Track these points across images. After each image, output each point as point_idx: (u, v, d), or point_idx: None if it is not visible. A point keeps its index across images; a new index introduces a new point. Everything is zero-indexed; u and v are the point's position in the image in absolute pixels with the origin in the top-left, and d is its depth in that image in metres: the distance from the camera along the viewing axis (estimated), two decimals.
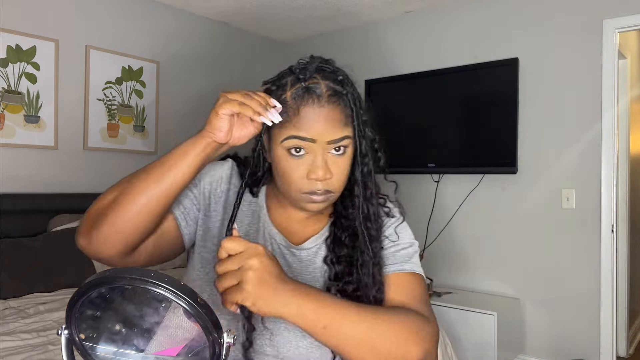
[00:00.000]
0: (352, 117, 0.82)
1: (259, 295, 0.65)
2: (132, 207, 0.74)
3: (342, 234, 0.88)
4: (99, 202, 0.78)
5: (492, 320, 2.75)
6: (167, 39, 3.49)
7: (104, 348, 0.58)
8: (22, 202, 2.69)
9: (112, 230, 0.75)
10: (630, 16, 2.74)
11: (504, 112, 3.06)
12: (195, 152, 0.75)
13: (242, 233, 0.90)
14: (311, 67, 0.81)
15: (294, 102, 0.78)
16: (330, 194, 0.82)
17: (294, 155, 0.79)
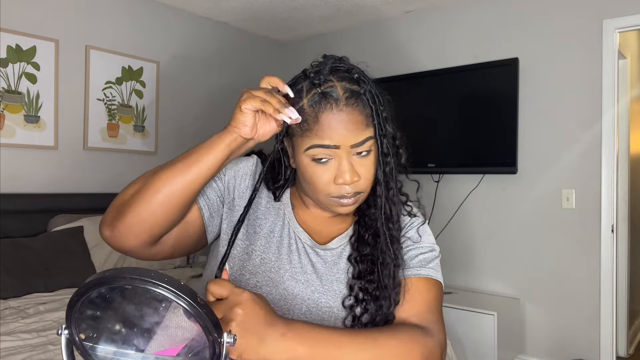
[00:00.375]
0: (372, 116, 0.81)
1: (245, 346, 0.63)
2: (156, 198, 0.75)
3: (366, 233, 0.88)
4: (124, 193, 0.78)
5: (492, 320, 2.75)
6: (167, 39, 3.50)
7: (104, 348, 0.58)
8: (22, 202, 2.69)
9: (136, 220, 0.75)
10: (630, 16, 2.74)
11: (504, 112, 3.06)
12: (221, 146, 0.76)
13: (267, 228, 0.90)
14: (325, 69, 0.79)
15: (311, 109, 0.77)
16: (359, 194, 0.83)
17: (319, 162, 0.79)
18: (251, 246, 0.88)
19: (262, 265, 0.87)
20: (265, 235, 0.89)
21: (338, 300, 0.86)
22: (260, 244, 0.88)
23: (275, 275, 0.86)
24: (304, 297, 0.86)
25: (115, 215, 0.76)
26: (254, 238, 0.89)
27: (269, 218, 0.91)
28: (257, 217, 0.91)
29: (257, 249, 0.88)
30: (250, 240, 0.89)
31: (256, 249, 0.88)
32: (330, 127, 0.77)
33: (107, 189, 3.07)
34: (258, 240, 0.89)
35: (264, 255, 0.88)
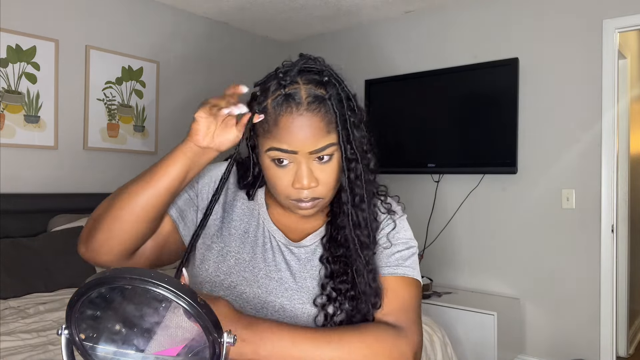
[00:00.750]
0: (335, 122, 0.79)
1: None
2: (124, 213, 0.76)
3: (338, 235, 0.88)
4: (96, 211, 0.80)
5: (492, 320, 2.75)
6: (167, 39, 3.50)
7: (104, 348, 0.58)
8: (22, 202, 2.69)
9: (107, 235, 0.77)
10: (630, 16, 2.74)
11: (504, 112, 3.06)
12: (180, 157, 0.76)
13: (241, 229, 0.91)
14: (294, 69, 0.78)
15: (273, 110, 0.77)
16: (318, 200, 0.82)
17: (279, 164, 0.79)
18: (226, 248, 0.89)
19: (237, 265, 0.88)
20: (240, 236, 0.90)
21: (310, 298, 0.86)
22: (235, 245, 0.89)
23: (249, 274, 0.88)
24: (277, 295, 0.86)
25: (88, 232, 0.79)
26: (228, 240, 0.90)
27: (243, 219, 0.92)
28: (232, 219, 0.91)
29: (232, 250, 0.89)
30: (225, 242, 0.90)
31: (231, 250, 0.89)
32: (288, 132, 0.76)
33: (107, 189, 3.07)
34: (233, 241, 0.90)
35: (238, 255, 0.89)
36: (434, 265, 3.41)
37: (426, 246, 3.41)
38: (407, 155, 3.41)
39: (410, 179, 3.50)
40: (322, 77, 0.79)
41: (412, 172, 3.45)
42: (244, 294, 0.86)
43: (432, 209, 3.40)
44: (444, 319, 2.85)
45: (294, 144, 0.76)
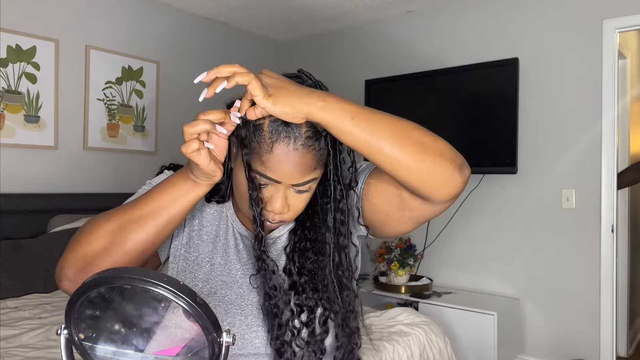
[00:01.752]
0: (327, 160, 0.77)
1: (278, 97, 0.66)
2: (127, 256, 0.73)
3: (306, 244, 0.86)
4: (85, 248, 0.73)
5: (492, 320, 2.75)
6: (167, 39, 3.50)
7: (103, 348, 0.58)
8: (22, 202, 2.69)
9: None
10: (630, 16, 2.74)
11: (504, 112, 3.06)
12: (192, 199, 0.73)
13: (212, 234, 0.90)
14: None
15: (269, 134, 0.72)
16: (283, 222, 0.82)
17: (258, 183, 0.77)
18: (200, 256, 0.89)
19: (213, 270, 0.88)
20: (211, 241, 0.90)
21: (286, 283, 0.86)
22: (208, 250, 0.89)
23: (227, 277, 0.87)
24: (259, 289, 0.87)
25: (79, 271, 0.73)
26: (201, 246, 0.89)
27: (214, 223, 0.91)
28: (203, 226, 0.91)
29: (205, 256, 0.89)
30: (198, 251, 0.89)
31: (204, 256, 0.89)
32: (279, 162, 0.73)
33: (107, 189, 3.07)
34: (205, 247, 0.89)
35: (212, 260, 0.88)
36: (434, 265, 3.41)
37: (426, 246, 3.41)
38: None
39: None
40: None
41: None
42: (226, 297, 0.86)
43: None
44: (444, 319, 2.84)
45: (280, 175, 0.74)
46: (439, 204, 0.76)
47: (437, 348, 2.12)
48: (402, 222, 0.82)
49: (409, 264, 3.23)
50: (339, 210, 0.81)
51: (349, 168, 0.81)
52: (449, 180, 0.73)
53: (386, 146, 0.69)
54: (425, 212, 0.79)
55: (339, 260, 0.82)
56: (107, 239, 0.73)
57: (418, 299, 3.03)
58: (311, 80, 0.79)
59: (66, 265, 0.74)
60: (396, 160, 0.70)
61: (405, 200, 0.79)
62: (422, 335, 2.08)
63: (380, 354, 1.85)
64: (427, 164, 0.71)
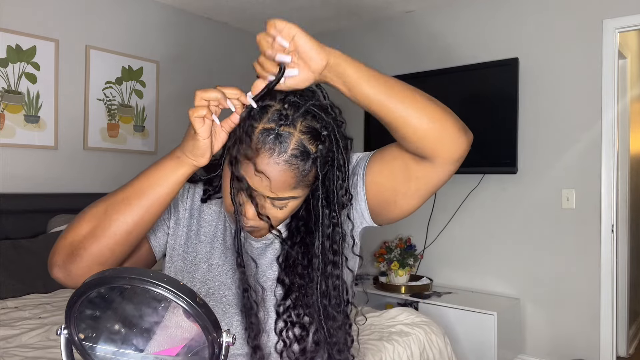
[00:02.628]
0: (312, 182, 0.76)
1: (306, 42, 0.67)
2: (114, 239, 0.74)
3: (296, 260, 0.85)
4: (72, 233, 0.75)
5: (492, 320, 2.75)
6: (167, 39, 3.50)
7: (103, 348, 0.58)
8: (22, 202, 2.69)
9: (95, 262, 0.74)
10: (630, 16, 2.74)
11: (504, 112, 3.06)
12: (177, 179, 0.74)
13: (210, 234, 0.90)
14: (301, 108, 0.73)
15: (258, 138, 0.72)
16: (257, 229, 0.81)
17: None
18: (198, 256, 0.89)
19: (211, 271, 0.88)
20: (209, 242, 0.90)
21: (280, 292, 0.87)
22: (206, 251, 0.89)
23: (225, 277, 0.87)
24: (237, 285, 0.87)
25: (67, 257, 0.75)
26: (198, 247, 0.89)
27: (212, 223, 0.91)
28: (201, 226, 0.91)
29: (203, 256, 0.89)
30: (196, 251, 0.89)
31: (202, 257, 0.89)
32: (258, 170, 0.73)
33: (107, 189, 3.06)
34: (203, 247, 0.89)
35: (210, 261, 0.88)
36: (434, 265, 3.41)
37: (426, 246, 3.41)
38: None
39: None
40: (322, 131, 0.74)
41: None
42: (224, 298, 0.86)
43: (432, 209, 3.40)
44: (444, 319, 2.84)
45: (257, 184, 0.73)
46: (444, 164, 0.76)
47: (437, 348, 2.12)
48: (409, 195, 0.81)
49: (409, 264, 3.23)
50: (327, 237, 0.79)
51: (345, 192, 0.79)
52: (456, 136, 0.74)
53: (400, 100, 0.71)
54: (430, 178, 0.78)
55: (325, 288, 0.80)
56: (93, 222, 0.74)
57: (418, 299, 3.03)
58: (325, 100, 0.78)
59: (56, 252, 0.76)
60: (409, 114, 0.71)
61: (410, 169, 0.78)
62: (422, 335, 2.08)
63: (380, 354, 1.85)
64: (438, 116, 0.72)
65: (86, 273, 0.72)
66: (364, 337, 1.98)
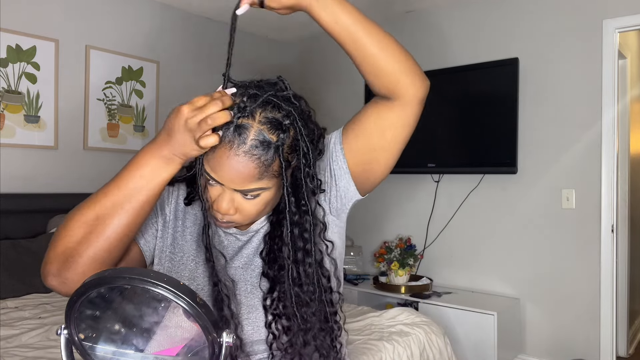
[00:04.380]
0: (279, 172, 0.77)
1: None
2: (108, 242, 0.74)
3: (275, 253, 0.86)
4: (64, 241, 0.74)
5: (492, 320, 2.75)
6: (167, 39, 3.49)
7: (103, 348, 0.58)
8: (22, 202, 2.69)
9: (90, 267, 0.74)
10: (630, 16, 2.74)
11: (504, 112, 3.06)
12: (167, 177, 0.75)
13: (196, 233, 0.91)
14: (259, 98, 0.74)
15: (220, 132, 0.73)
16: (233, 223, 0.81)
17: (207, 180, 0.78)
18: (185, 255, 0.90)
19: (198, 268, 0.89)
20: (195, 241, 0.91)
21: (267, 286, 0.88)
22: (192, 249, 0.90)
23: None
24: (245, 278, 0.88)
25: (62, 264, 0.74)
26: (185, 247, 0.90)
27: (196, 222, 0.92)
28: (186, 227, 0.92)
29: (190, 255, 0.90)
30: (183, 251, 0.90)
31: (189, 255, 0.90)
32: (221, 165, 0.74)
33: None
34: (190, 247, 0.90)
35: (197, 259, 0.89)
36: (434, 265, 3.40)
37: (426, 246, 3.41)
38: (407, 155, 3.35)
39: (410, 179, 3.50)
40: (284, 120, 0.76)
41: (412, 172, 3.45)
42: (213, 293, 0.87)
43: (432, 209, 3.40)
44: (444, 319, 2.84)
45: (222, 178, 0.75)
46: (411, 103, 0.82)
47: (437, 348, 2.12)
48: (387, 148, 0.85)
49: (409, 264, 3.23)
50: (295, 224, 0.80)
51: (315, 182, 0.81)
52: (419, 73, 0.81)
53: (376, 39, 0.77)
54: (403, 120, 0.83)
55: (296, 275, 0.81)
56: (85, 228, 0.74)
57: (418, 299, 3.03)
58: (287, 90, 0.79)
59: (49, 261, 0.75)
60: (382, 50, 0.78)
61: (383, 118, 0.83)
62: (422, 335, 2.08)
63: (380, 354, 1.85)
64: (404, 55, 0.80)
65: (81, 279, 0.72)
66: (364, 337, 1.99)
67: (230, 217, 0.79)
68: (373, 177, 0.89)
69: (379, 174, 0.89)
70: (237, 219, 0.80)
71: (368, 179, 0.89)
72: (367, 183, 0.90)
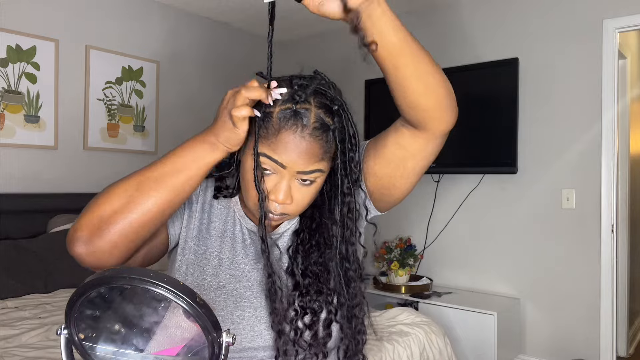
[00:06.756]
0: (335, 154, 0.80)
1: None
2: (146, 215, 0.74)
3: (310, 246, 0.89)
4: (102, 207, 0.74)
5: (492, 320, 2.75)
6: (167, 39, 3.50)
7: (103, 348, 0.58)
8: (22, 202, 2.69)
9: (122, 238, 0.73)
10: (630, 16, 2.74)
11: (504, 112, 3.06)
12: (210, 164, 0.76)
13: (220, 229, 0.92)
14: (310, 87, 0.78)
15: (278, 121, 0.76)
16: (286, 215, 0.83)
17: (262, 170, 0.79)
18: (208, 250, 0.90)
19: (221, 264, 0.90)
20: (219, 236, 0.92)
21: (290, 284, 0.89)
22: (216, 244, 0.91)
23: (235, 271, 0.89)
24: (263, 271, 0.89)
25: (94, 231, 0.73)
26: (209, 241, 0.91)
27: (221, 218, 0.93)
28: (211, 221, 0.92)
29: (214, 250, 0.91)
30: (206, 245, 0.91)
31: (212, 251, 0.90)
32: (286, 147, 0.76)
33: None
34: (213, 242, 0.91)
35: (220, 255, 0.90)
36: (434, 265, 3.41)
37: (426, 246, 3.41)
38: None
39: None
40: (333, 106, 0.80)
41: None
42: (235, 291, 0.88)
43: (432, 209, 3.40)
44: (444, 319, 2.85)
45: (287, 160, 0.77)
46: (437, 136, 0.81)
47: (437, 348, 2.12)
48: (406, 175, 0.87)
49: (409, 264, 3.23)
50: (346, 205, 0.84)
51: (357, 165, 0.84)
52: (454, 107, 0.79)
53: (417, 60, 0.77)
54: (425, 152, 0.83)
55: (345, 253, 0.85)
56: (125, 198, 0.74)
57: (418, 299, 3.04)
58: (325, 81, 0.82)
59: (80, 227, 0.73)
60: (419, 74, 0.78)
61: (405, 147, 0.83)
62: (422, 335, 2.08)
63: (380, 354, 1.85)
64: (445, 87, 0.78)
65: (109, 250, 0.73)
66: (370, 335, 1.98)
67: (285, 207, 0.80)
68: (390, 199, 0.92)
69: (395, 198, 0.92)
70: (292, 209, 0.82)
71: (385, 200, 0.92)
72: (384, 203, 0.93)
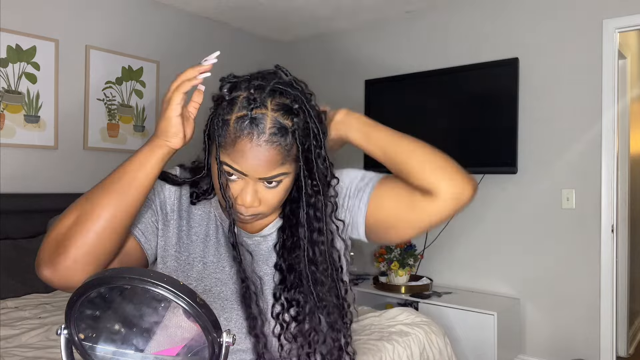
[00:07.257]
0: (297, 155, 0.78)
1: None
2: (98, 224, 0.73)
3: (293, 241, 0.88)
4: (58, 227, 0.75)
5: (492, 320, 2.75)
6: (167, 39, 3.50)
7: (103, 348, 0.58)
8: (22, 202, 2.69)
9: (81, 251, 0.73)
10: (630, 16, 2.74)
11: (504, 112, 3.06)
12: (155, 163, 0.75)
13: (202, 234, 0.91)
14: (266, 89, 0.76)
15: (234, 129, 0.75)
16: (258, 215, 0.83)
17: (227, 176, 0.79)
18: (191, 256, 0.90)
19: (206, 269, 0.89)
20: (202, 241, 0.91)
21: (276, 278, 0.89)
22: (199, 250, 0.90)
23: (221, 274, 0.89)
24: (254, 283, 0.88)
25: (53, 251, 0.73)
26: (191, 246, 0.90)
27: (202, 223, 0.92)
28: (191, 227, 0.91)
29: (197, 255, 0.90)
30: (188, 251, 0.90)
31: (195, 256, 0.90)
32: (243, 156, 0.75)
33: None
34: (196, 247, 0.90)
35: (205, 259, 0.89)
36: (434, 265, 3.41)
37: (426, 246, 3.41)
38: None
39: None
40: (293, 105, 0.77)
41: None
42: (221, 294, 0.87)
43: None
44: (444, 319, 2.84)
45: (247, 168, 0.76)
46: (445, 200, 0.82)
47: (437, 348, 2.12)
48: (410, 224, 0.86)
49: (409, 264, 3.23)
50: (311, 206, 0.83)
51: (325, 163, 0.83)
52: (454, 173, 0.83)
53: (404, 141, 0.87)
54: (432, 212, 0.84)
55: (312, 254, 0.84)
56: (77, 212, 0.76)
57: (418, 299, 3.04)
58: (287, 76, 0.81)
59: (41, 251, 0.75)
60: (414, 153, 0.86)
61: (415, 200, 0.84)
62: (422, 335, 2.08)
63: (380, 354, 1.85)
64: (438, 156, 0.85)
65: (72, 266, 0.72)
66: (364, 337, 1.98)
67: (255, 209, 0.80)
68: (385, 237, 0.91)
69: (391, 239, 0.91)
70: (262, 210, 0.81)
71: (380, 234, 0.90)
72: (377, 237, 0.91)
